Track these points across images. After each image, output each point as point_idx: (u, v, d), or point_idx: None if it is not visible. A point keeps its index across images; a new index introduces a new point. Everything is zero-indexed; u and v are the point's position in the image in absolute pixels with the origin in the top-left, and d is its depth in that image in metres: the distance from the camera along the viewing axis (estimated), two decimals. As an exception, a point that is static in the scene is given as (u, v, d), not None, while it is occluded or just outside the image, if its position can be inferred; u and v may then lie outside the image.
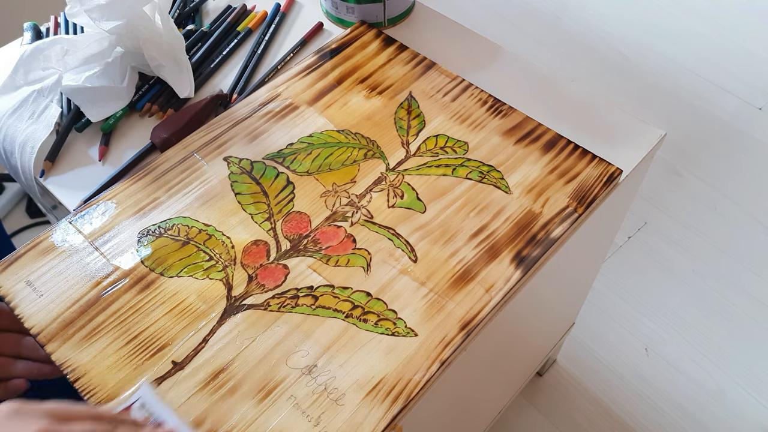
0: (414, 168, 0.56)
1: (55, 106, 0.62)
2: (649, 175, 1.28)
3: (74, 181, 0.59)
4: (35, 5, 1.03)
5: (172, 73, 0.62)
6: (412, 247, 0.51)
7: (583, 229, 0.55)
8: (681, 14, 1.61)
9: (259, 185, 0.55)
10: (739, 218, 1.26)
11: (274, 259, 0.50)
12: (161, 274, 0.50)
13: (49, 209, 0.67)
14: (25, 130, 0.61)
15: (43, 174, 0.59)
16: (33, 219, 1.30)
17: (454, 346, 0.46)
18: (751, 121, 1.41)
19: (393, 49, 0.65)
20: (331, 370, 0.45)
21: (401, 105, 0.60)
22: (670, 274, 1.20)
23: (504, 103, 0.60)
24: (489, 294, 0.48)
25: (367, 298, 0.48)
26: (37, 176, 0.59)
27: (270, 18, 0.71)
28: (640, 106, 1.43)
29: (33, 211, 1.31)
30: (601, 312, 1.15)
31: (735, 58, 1.52)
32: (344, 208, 0.53)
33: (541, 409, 1.05)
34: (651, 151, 0.59)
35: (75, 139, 0.62)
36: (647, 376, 1.08)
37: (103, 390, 0.44)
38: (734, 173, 1.33)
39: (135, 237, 0.52)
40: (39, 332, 0.47)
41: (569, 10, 1.63)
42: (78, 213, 0.53)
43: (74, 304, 0.48)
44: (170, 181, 0.55)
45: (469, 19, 0.89)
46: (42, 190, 0.60)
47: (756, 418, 1.03)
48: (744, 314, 1.14)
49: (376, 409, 0.43)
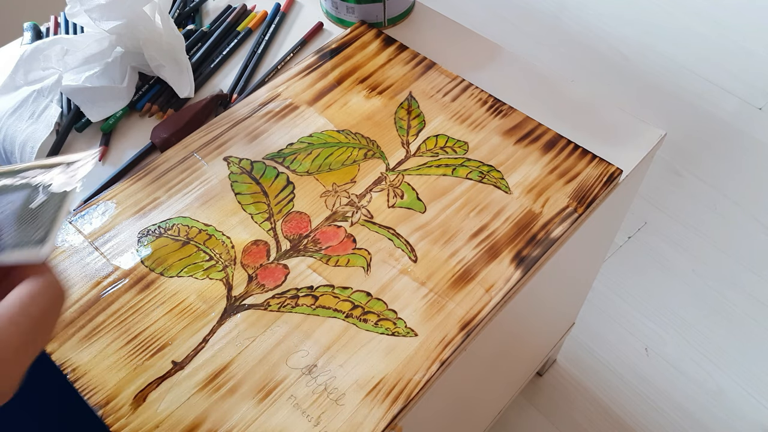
0: (414, 168, 0.56)
1: (55, 106, 0.62)
2: (649, 175, 1.28)
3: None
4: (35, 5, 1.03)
5: (172, 73, 0.62)
6: (412, 247, 0.51)
7: (583, 229, 0.55)
8: (681, 14, 1.61)
9: (259, 185, 0.55)
10: (739, 218, 1.27)
11: (274, 259, 0.50)
12: (161, 274, 0.50)
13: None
14: (25, 130, 0.61)
15: None
16: (33, 219, 1.30)
17: (454, 346, 0.46)
18: (751, 121, 1.41)
19: (393, 49, 0.65)
20: (331, 370, 0.45)
21: (401, 105, 0.60)
22: (670, 274, 1.20)
23: (504, 103, 0.60)
24: (489, 294, 0.48)
25: (367, 298, 0.48)
26: None
27: (270, 18, 0.71)
28: (640, 106, 1.43)
29: (33, 211, 1.30)
30: (601, 312, 1.15)
31: (735, 58, 1.52)
32: (344, 208, 0.53)
33: (541, 409, 1.05)
34: (651, 151, 0.59)
35: (75, 139, 0.62)
36: (647, 376, 1.08)
37: (103, 390, 0.44)
38: (734, 173, 1.33)
39: (135, 237, 0.52)
40: (39, 332, 0.47)
41: (569, 10, 1.63)
42: (78, 213, 0.53)
43: (74, 304, 0.48)
44: (170, 181, 0.55)
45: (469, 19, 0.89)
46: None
47: (756, 418, 1.04)
48: (744, 314, 1.14)
49: (376, 409, 0.43)
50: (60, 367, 0.45)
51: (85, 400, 0.44)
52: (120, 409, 0.44)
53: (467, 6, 1.64)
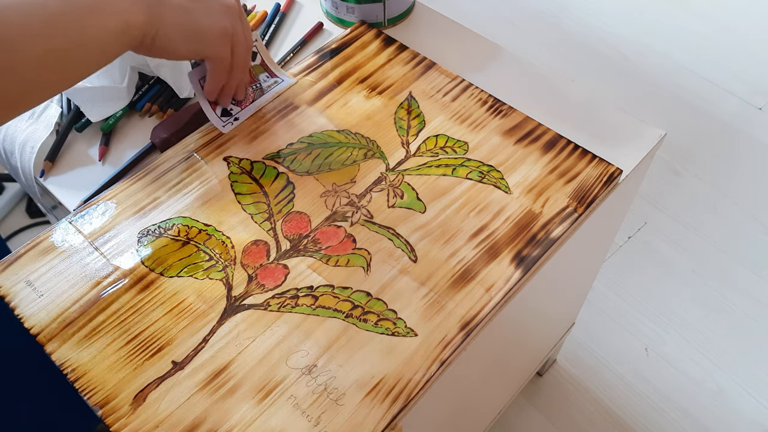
0: (414, 168, 0.56)
1: (54, 106, 0.62)
2: (649, 175, 1.28)
3: (74, 181, 0.59)
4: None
5: (172, 73, 0.62)
6: (412, 247, 0.51)
7: (583, 229, 0.55)
8: (681, 14, 1.61)
9: (259, 185, 0.55)
10: (739, 218, 1.27)
11: (274, 259, 0.50)
12: (161, 274, 0.50)
13: (49, 209, 0.67)
14: (25, 130, 0.61)
15: (43, 174, 0.59)
16: (33, 219, 1.30)
17: (454, 346, 0.46)
18: (751, 121, 1.41)
19: (393, 49, 0.65)
20: (331, 370, 0.45)
21: (401, 105, 0.60)
22: (670, 274, 1.20)
23: (504, 103, 0.60)
24: (489, 294, 0.48)
25: (367, 298, 0.48)
26: (37, 176, 0.59)
27: (270, 18, 0.71)
28: (640, 106, 1.43)
29: (33, 211, 1.31)
30: (601, 312, 1.15)
31: (735, 58, 1.52)
32: (344, 208, 0.53)
33: (541, 409, 1.05)
34: (651, 151, 0.59)
35: (75, 139, 0.62)
36: (647, 376, 1.08)
37: (103, 390, 0.44)
38: (734, 173, 1.33)
39: (135, 237, 0.52)
40: (39, 332, 0.47)
41: (569, 10, 1.63)
42: (78, 213, 0.53)
43: (74, 304, 0.48)
44: (170, 181, 0.55)
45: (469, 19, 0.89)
46: (42, 190, 0.61)
47: (756, 418, 1.04)
48: (744, 314, 1.14)
49: (376, 409, 0.43)
50: (60, 367, 0.45)
51: (86, 401, 0.44)
52: (120, 409, 0.44)
53: (467, 6, 1.64)
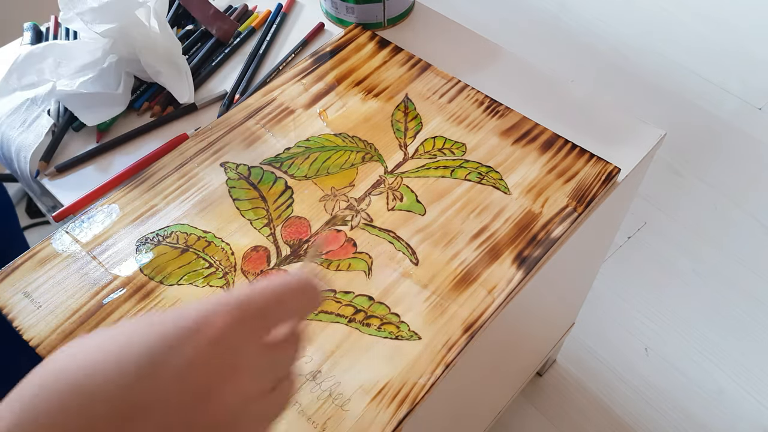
0: (412, 170, 0.55)
1: (46, 116, 0.61)
2: (649, 175, 1.28)
3: (73, 182, 0.58)
4: (35, 5, 1.02)
5: (171, 78, 0.61)
6: (413, 249, 0.51)
7: (583, 229, 0.55)
8: (681, 14, 1.61)
9: (258, 191, 0.54)
10: (739, 218, 1.26)
11: (274, 265, 0.50)
12: (161, 282, 0.49)
13: (48, 209, 0.66)
14: (16, 138, 0.60)
15: (38, 174, 0.59)
16: (33, 219, 1.30)
17: (458, 348, 0.45)
18: (751, 121, 1.41)
19: (388, 51, 0.64)
20: (336, 375, 0.44)
21: (398, 107, 0.60)
22: (670, 274, 1.20)
23: (500, 104, 0.60)
24: (491, 295, 0.48)
25: (369, 302, 0.48)
26: (32, 176, 0.59)
27: (272, 18, 0.70)
28: (640, 106, 1.43)
29: (33, 211, 1.30)
30: (601, 312, 1.15)
31: (735, 58, 1.52)
32: (344, 212, 0.53)
33: (541, 409, 1.05)
34: (651, 151, 0.59)
35: (73, 139, 0.61)
36: (647, 376, 1.08)
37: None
38: (734, 173, 1.33)
39: (133, 245, 0.51)
40: (38, 344, 0.46)
41: (569, 10, 1.63)
42: (74, 221, 0.53)
43: (73, 314, 0.48)
44: (167, 189, 0.55)
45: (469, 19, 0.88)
46: (42, 191, 0.60)
47: (756, 418, 1.03)
48: (744, 314, 1.14)
49: (382, 413, 0.43)
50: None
51: None
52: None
53: (467, 6, 1.64)
